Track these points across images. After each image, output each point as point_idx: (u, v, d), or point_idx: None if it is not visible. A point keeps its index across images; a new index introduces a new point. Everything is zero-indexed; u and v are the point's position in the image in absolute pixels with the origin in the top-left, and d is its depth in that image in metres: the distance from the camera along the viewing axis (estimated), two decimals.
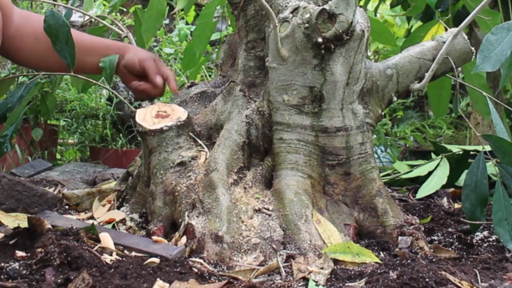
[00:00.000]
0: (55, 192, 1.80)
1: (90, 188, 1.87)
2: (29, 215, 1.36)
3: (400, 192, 2.10)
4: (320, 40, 1.40)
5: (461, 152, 2.10)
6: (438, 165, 2.10)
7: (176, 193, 1.44)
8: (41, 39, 1.70)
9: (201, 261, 1.27)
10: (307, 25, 1.41)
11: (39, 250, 1.16)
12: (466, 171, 1.56)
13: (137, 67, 1.68)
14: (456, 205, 1.91)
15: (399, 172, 2.32)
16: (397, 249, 1.39)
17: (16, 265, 1.14)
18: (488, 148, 1.56)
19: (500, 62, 1.39)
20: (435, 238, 1.57)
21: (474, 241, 1.52)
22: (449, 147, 2.28)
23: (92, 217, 1.61)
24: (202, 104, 1.67)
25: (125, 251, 1.32)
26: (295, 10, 1.45)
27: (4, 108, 1.60)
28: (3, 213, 1.48)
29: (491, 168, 1.60)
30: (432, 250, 1.43)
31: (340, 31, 1.40)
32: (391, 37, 2.31)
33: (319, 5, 1.47)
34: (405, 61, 1.55)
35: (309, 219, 1.36)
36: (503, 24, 1.42)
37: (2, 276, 1.08)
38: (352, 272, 1.22)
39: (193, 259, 1.28)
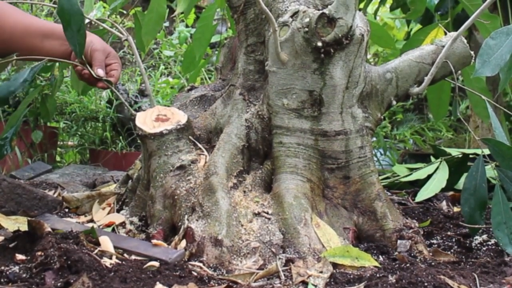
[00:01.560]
0: (55, 195, 1.80)
1: (90, 191, 1.87)
2: (29, 218, 1.37)
3: (400, 195, 2.10)
4: (319, 44, 1.40)
5: (460, 156, 2.10)
6: (437, 168, 2.10)
7: (175, 197, 1.44)
8: (0, 26, 1.71)
9: (201, 264, 1.27)
10: (306, 29, 1.41)
11: (39, 253, 1.16)
12: (465, 175, 1.56)
13: (87, 55, 1.68)
14: (455, 209, 1.91)
15: (398, 175, 2.32)
16: (396, 253, 1.39)
17: (16, 268, 1.14)
18: (487, 151, 1.57)
19: (499, 66, 1.39)
20: (434, 241, 1.57)
21: (473, 244, 1.52)
22: (448, 150, 2.28)
23: (91, 220, 1.61)
24: (202, 108, 1.68)
25: (125, 255, 1.32)
26: (294, 14, 1.45)
27: (5, 91, 1.57)
28: (3, 216, 1.48)
29: (490, 171, 1.61)
30: (431, 254, 1.44)
31: (340, 35, 1.40)
32: (390, 40, 2.31)
33: (318, 10, 1.47)
34: (404, 65, 1.55)
35: (308, 223, 1.37)
36: (502, 29, 1.43)
37: (2, 280, 1.08)
38: (351, 276, 1.22)
39: (193, 262, 1.28)
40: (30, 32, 1.70)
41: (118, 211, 1.63)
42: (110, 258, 1.26)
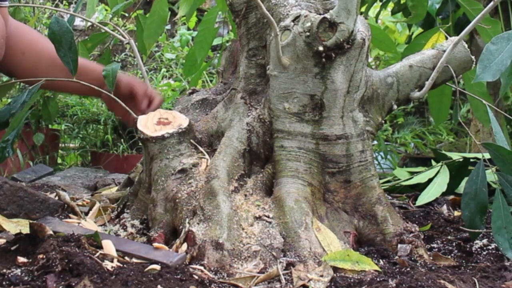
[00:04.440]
0: (57, 198, 1.80)
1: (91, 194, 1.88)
2: (30, 221, 1.37)
3: (400, 199, 2.11)
4: (321, 48, 1.41)
5: (461, 160, 2.10)
6: (438, 172, 2.10)
7: (177, 200, 1.45)
8: (27, 53, 1.70)
9: (202, 268, 1.27)
10: (308, 33, 1.42)
11: (41, 256, 1.16)
12: (466, 179, 1.57)
13: (125, 87, 1.67)
14: (456, 213, 1.91)
15: (399, 179, 2.32)
16: (397, 257, 1.39)
17: (18, 271, 1.14)
18: (488, 155, 1.57)
19: (500, 71, 1.39)
20: (435, 245, 1.58)
21: (474, 249, 1.53)
22: (449, 154, 2.28)
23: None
24: (204, 111, 1.68)
25: (126, 258, 1.33)
26: (296, 19, 1.46)
27: (7, 114, 1.60)
28: (5, 219, 1.48)
29: (491, 175, 1.61)
30: (431, 258, 1.44)
31: (341, 39, 1.41)
32: (391, 44, 2.32)
33: (320, 14, 1.48)
34: (405, 70, 1.56)
35: (309, 227, 1.37)
36: (503, 34, 1.43)
37: (4, 283, 1.09)
38: (352, 280, 1.22)
39: (194, 266, 1.28)
40: (56, 64, 1.68)
41: (119, 214, 1.63)
42: (112, 261, 1.26)
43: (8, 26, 1.70)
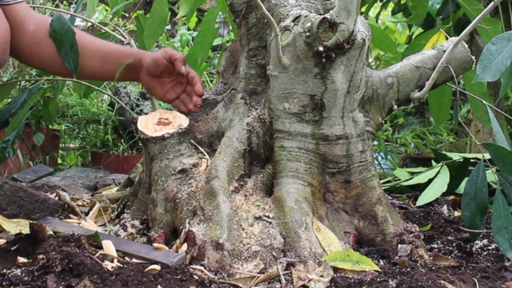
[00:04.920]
0: (57, 198, 1.80)
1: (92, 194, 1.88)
2: (31, 221, 1.37)
3: (400, 200, 2.10)
4: (321, 48, 1.41)
5: (461, 160, 2.10)
6: (438, 172, 2.10)
7: (177, 200, 1.45)
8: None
9: (202, 268, 1.27)
10: (308, 33, 1.42)
11: (41, 256, 1.16)
12: (466, 179, 1.57)
13: (163, 61, 1.62)
14: (456, 213, 1.91)
15: (399, 179, 2.32)
16: (397, 257, 1.39)
17: (18, 271, 1.15)
18: (488, 156, 1.57)
19: (500, 72, 1.40)
20: (435, 246, 1.58)
21: (474, 249, 1.53)
22: (449, 154, 2.28)
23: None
24: (204, 111, 1.68)
25: (126, 258, 1.33)
26: (296, 19, 1.46)
27: (7, 114, 1.60)
28: (5, 219, 1.49)
29: (491, 176, 1.61)
30: (431, 258, 1.44)
31: (341, 40, 1.40)
32: (392, 45, 2.31)
33: (320, 14, 1.47)
34: (405, 70, 1.56)
35: (309, 227, 1.37)
36: (503, 34, 1.43)
37: (4, 283, 1.09)
38: (352, 280, 1.22)
39: (194, 266, 1.28)
40: (89, 54, 1.68)
41: (119, 214, 1.63)
42: (112, 262, 1.26)
43: (26, 23, 1.64)
